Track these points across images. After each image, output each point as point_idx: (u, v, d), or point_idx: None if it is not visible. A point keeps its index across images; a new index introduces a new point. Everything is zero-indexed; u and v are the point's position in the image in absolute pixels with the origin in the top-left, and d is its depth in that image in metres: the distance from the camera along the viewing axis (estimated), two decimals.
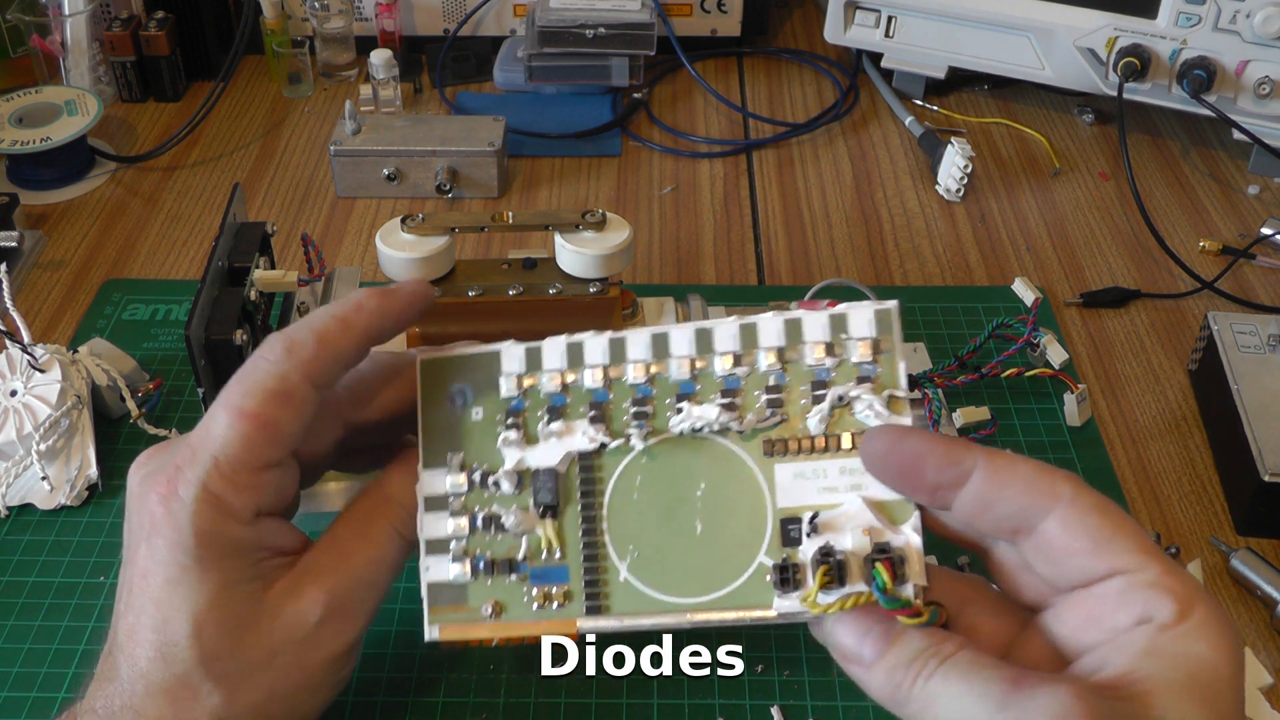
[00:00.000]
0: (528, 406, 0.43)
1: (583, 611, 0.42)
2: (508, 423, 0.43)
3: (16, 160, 0.86)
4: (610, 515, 0.42)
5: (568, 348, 0.43)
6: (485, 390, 0.43)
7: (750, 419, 0.41)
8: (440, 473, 0.44)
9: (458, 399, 0.44)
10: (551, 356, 0.43)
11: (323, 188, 0.88)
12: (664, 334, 0.42)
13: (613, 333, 0.43)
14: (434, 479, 0.44)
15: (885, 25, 0.95)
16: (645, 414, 0.42)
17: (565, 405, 0.43)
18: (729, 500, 0.41)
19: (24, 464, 0.62)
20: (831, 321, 0.41)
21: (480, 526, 0.43)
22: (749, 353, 0.41)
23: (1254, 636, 0.56)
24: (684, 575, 0.41)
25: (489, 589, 0.43)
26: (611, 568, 0.42)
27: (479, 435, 0.43)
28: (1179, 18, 0.83)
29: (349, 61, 1.00)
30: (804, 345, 0.41)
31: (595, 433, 0.42)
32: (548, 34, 0.93)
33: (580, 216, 0.57)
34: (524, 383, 0.43)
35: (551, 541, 0.43)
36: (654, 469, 0.42)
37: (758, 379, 0.41)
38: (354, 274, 0.62)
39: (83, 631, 0.56)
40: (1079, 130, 0.95)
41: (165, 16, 0.95)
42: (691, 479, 0.41)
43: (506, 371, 0.43)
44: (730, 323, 0.41)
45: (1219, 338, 0.66)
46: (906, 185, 0.89)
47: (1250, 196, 0.87)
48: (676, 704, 0.52)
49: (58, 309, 0.76)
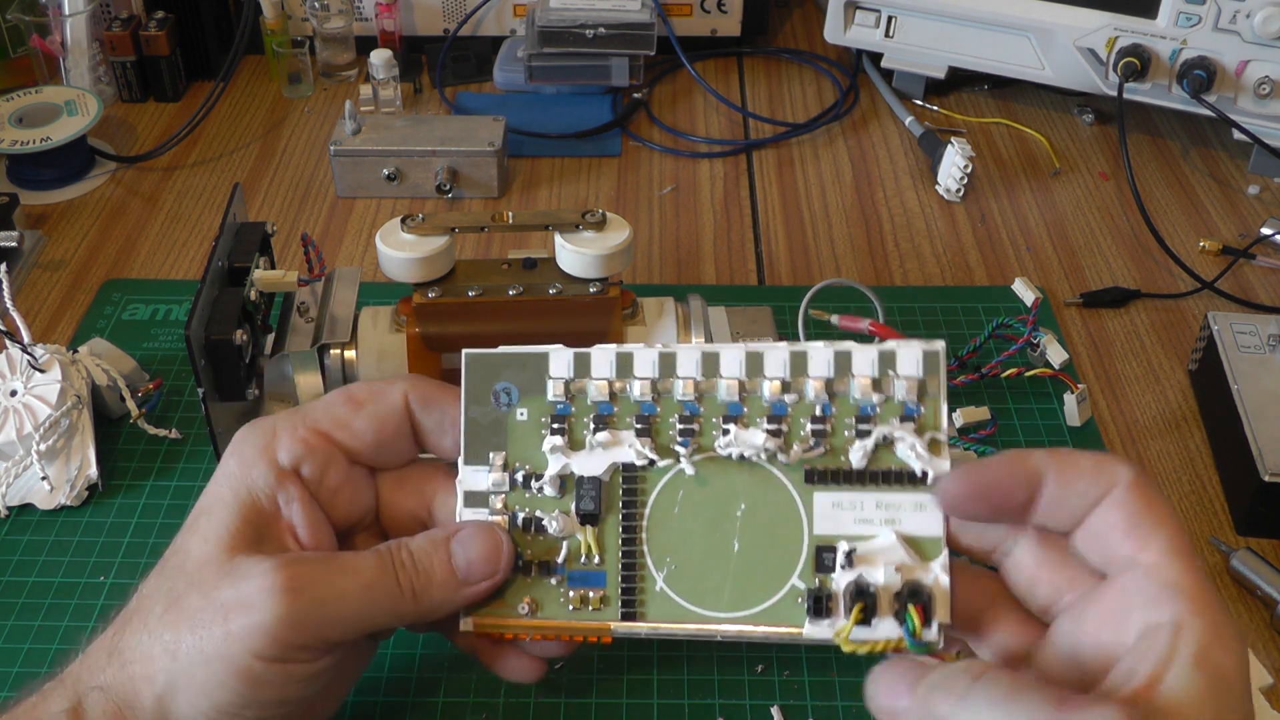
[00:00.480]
0: (574, 412, 0.43)
1: (618, 616, 0.43)
2: (553, 427, 0.43)
3: (16, 160, 0.86)
4: (650, 527, 0.43)
5: (617, 357, 0.43)
6: (531, 391, 0.44)
7: (796, 450, 0.42)
8: (481, 470, 0.44)
9: (502, 397, 0.44)
10: (600, 364, 0.43)
11: (323, 188, 0.88)
12: (715, 354, 0.42)
13: (663, 346, 0.43)
14: (474, 476, 0.44)
15: (885, 25, 0.95)
16: (692, 431, 0.42)
17: (612, 415, 0.43)
18: (768, 522, 0.42)
19: (24, 464, 0.62)
20: (880, 358, 0.42)
21: (520, 526, 0.44)
22: (797, 380, 0.42)
23: (1254, 636, 0.56)
24: (718, 590, 0.42)
25: (527, 587, 0.44)
26: (649, 577, 0.43)
27: (523, 436, 0.44)
28: (1179, 18, 0.83)
29: (349, 61, 1.00)
30: (852, 379, 0.42)
31: (643, 447, 0.43)
32: (548, 34, 0.93)
33: (580, 216, 0.57)
34: (571, 388, 0.43)
35: (591, 547, 0.43)
36: (697, 486, 0.43)
37: (805, 408, 0.42)
38: (354, 274, 0.62)
39: (83, 632, 0.56)
40: (1079, 130, 0.95)
41: (165, 16, 0.95)
42: (733, 498, 0.42)
43: (554, 375, 0.43)
44: (781, 349, 0.42)
45: (1219, 338, 0.66)
46: (906, 185, 0.89)
47: (1250, 196, 0.87)
48: (676, 704, 0.52)
49: (58, 309, 0.76)
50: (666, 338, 0.58)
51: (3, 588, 0.58)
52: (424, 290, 0.57)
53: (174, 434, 0.66)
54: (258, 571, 0.41)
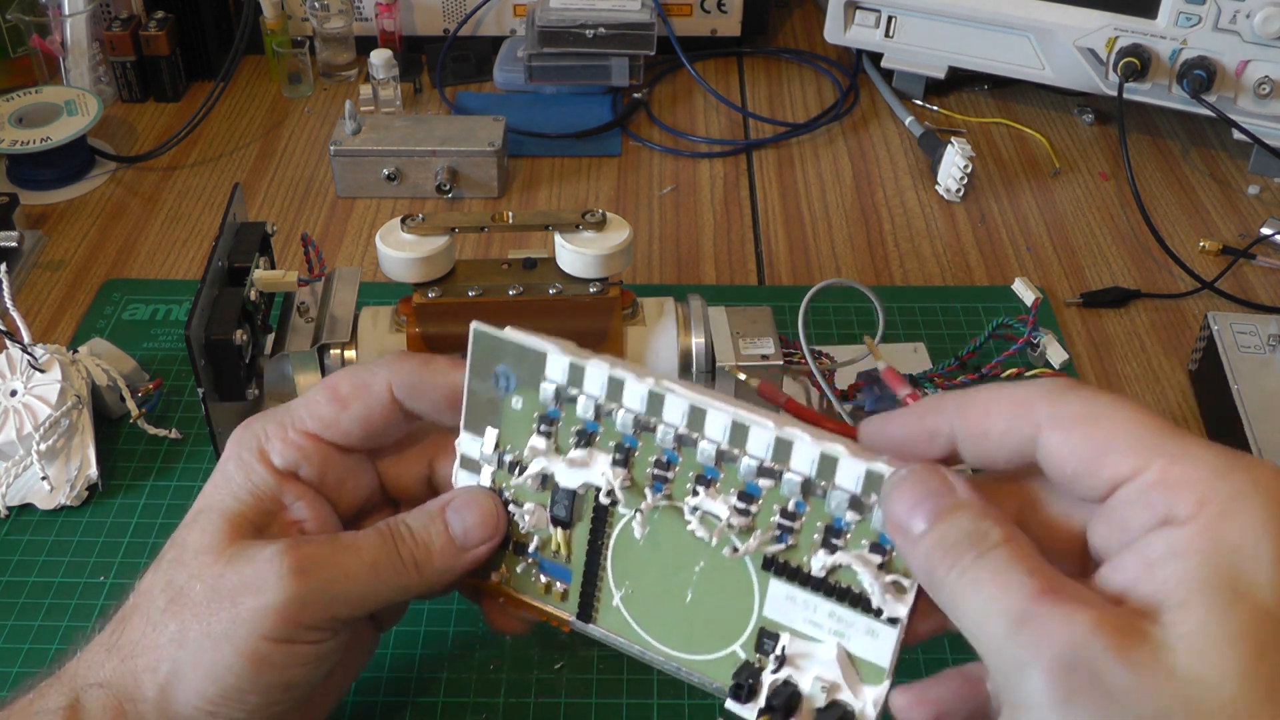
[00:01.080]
0: (562, 418, 0.43)
1: (575, 612, 0.45)
2: (541, 427, 0.43)
3: (16, 160, 0.86)
4: (616, 548, 0.43)
5: (609, 381, 0.42)
6: (527, 384, 0.43)
7: (755, 541, 0.40)
8: (476, 441, 0.45)
9: (501, 380, 0.43)
10: (593, 382, 0.42)
11: (323, 188, 0.88)
12: (702, 411, 0.40)
13: (654, 383, 0.41)
14: (471, 443, 0.45)
15: (885, 25, 0.95)
16: (666, 479, 0.42)
17: (596, 434, 0.42)
18: (721, 587, 0.42)
19: (24, 464, 0.62)
20: (867, 478, 0.38)
21: (504, 504, 0.45)
22: (780, 464, 0.40)
23: None
24: (666, 626, 0.43)
25: (503, 557, 0.45)
26: (607, 590, 0.44)
27: (515, 423, 0.44)
28: (1179, 18, 0.83)
29: (349, 61, 1.00)
30: (833, 487, 0.39)
31: (615, 478, 0.42)
32: (548, 34, 0.93)
33: (580, 216, 0.57)
34: (563, 394, 0.43)
35: (560, 546, 0.44)
36: (662, 530, 0.42)
37: (778, 497, 0.40)
38: (354, 274, 0.62)
39: (83, 631, 0.56)
40: (1079, 130, 0.95)
41: (165, 16, 0.95)
42: (693, 554, 0.42)
43: (549, 378, 0.43)
44: (768, 429, 0.39)
45: (1219, 338, 0.66)
46: (906, 185, 0.89)
47: (1250, 196, 0.87)
48: (676, 704, 0.52)
49: (58, 309, 0.76)
50: (667, 338, 0.58)
51: (3, 588, 0.58)
52: (424, 290, 0.57)
53: (174, 434, 0.66)
54: (264, 555, 0.41)
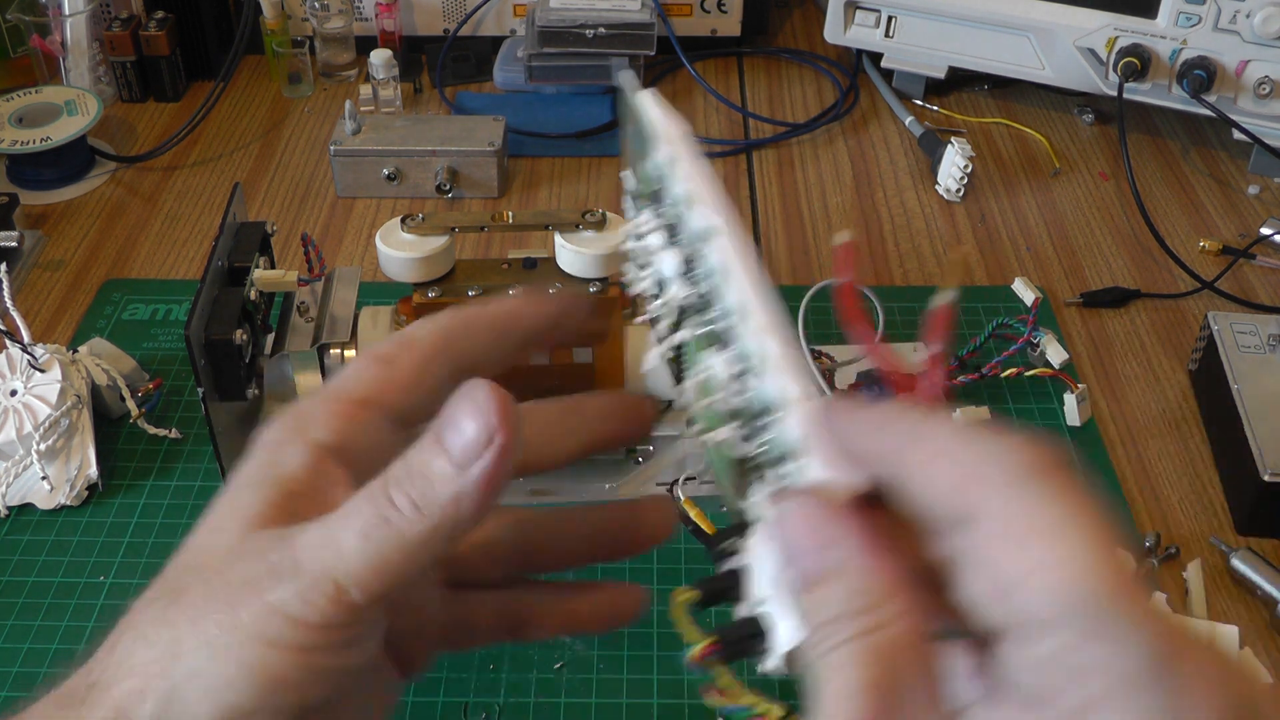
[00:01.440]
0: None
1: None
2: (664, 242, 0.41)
3: (16, 160, 0.86)
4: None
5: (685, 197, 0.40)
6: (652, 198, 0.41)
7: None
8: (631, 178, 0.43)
9: (651, 169, 0.42)
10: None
11: (323, 188, 0.88)
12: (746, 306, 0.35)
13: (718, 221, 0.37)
14: (630, 180, 0.43)
15: (885, 25, 0.95)
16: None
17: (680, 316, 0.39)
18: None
19: (24, 464, 0.62)
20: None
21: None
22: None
23: (1254, 636, 0.56)
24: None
25: None
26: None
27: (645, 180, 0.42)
28: (1179, 18, 0.83)
29: (349, 61, 1.00)
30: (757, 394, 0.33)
31: (660, 347, 0.40)
32: (548, 34, 0.93)
33: (580, 216, 0.57)
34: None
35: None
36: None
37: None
38: (354, 274, 0.62)
39: (83, 631, 0.56)
40: (1079, 130, 0.95)
41: (165, 16, 0.95)
42: None
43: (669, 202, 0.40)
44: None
45: (1219, 338, 0.66)
46: (906, 185, 0.89)
47: (1250, 196, 0.87)
48: (676, 704, 0.53)
49: (58, 309, 0.76)
50: None
51: (3, 588, 0.58)
52: (424, 290, 0.57)
53: (174, 434, 0.66)
54: (268, 544, 0.35)
